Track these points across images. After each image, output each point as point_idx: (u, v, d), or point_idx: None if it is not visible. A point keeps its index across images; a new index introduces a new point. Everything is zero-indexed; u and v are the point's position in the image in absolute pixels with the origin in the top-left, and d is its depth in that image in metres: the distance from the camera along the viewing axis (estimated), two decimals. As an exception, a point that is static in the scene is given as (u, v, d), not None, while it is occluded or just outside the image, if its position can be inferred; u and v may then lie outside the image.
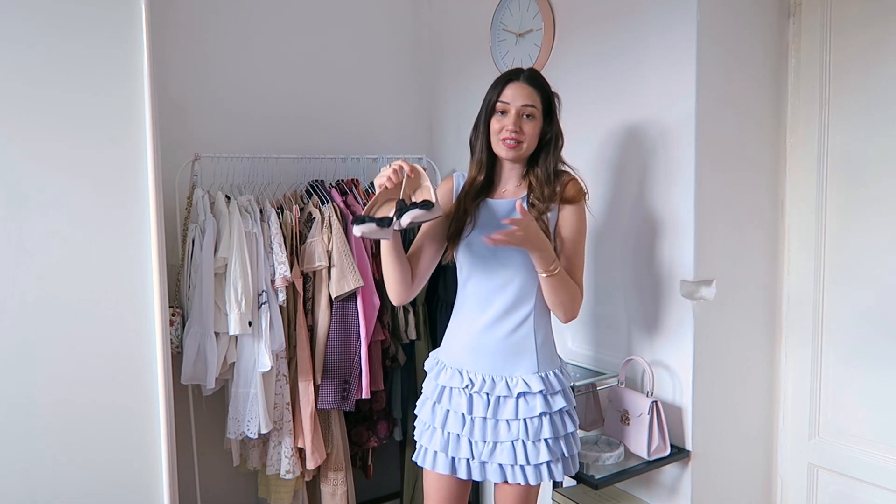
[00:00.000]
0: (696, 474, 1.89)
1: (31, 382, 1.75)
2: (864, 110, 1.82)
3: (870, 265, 1.83)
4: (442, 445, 1.65)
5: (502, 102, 1.62)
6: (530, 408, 1.59)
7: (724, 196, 1.89)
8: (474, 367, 1.64)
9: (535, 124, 1.62)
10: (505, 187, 1.70)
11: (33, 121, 1.72)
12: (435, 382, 1.70)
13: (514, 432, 1.59)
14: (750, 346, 2.01)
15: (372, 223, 1.49)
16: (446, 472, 1.65)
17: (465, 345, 1.67)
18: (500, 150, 1.64)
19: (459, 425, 1.63)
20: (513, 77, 1.64)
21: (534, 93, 1.62)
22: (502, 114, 1.62)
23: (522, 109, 1.60)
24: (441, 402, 1.67)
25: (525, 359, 1.63)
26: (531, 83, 1.63)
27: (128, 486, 1.87)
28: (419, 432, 1.73)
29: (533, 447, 1.59)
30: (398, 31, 2.91)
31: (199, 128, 2.46)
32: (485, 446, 1.61)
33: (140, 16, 1.80)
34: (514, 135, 1.60)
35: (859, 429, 1.88)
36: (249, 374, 2.16)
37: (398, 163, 1.52)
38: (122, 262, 1.83)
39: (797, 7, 1.95)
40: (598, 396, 2.03)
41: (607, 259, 2.09)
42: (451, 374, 1.67)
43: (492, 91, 1.65)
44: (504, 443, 1.59)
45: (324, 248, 2.25)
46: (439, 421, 1.66)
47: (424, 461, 1.70)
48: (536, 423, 1.59)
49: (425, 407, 1.72)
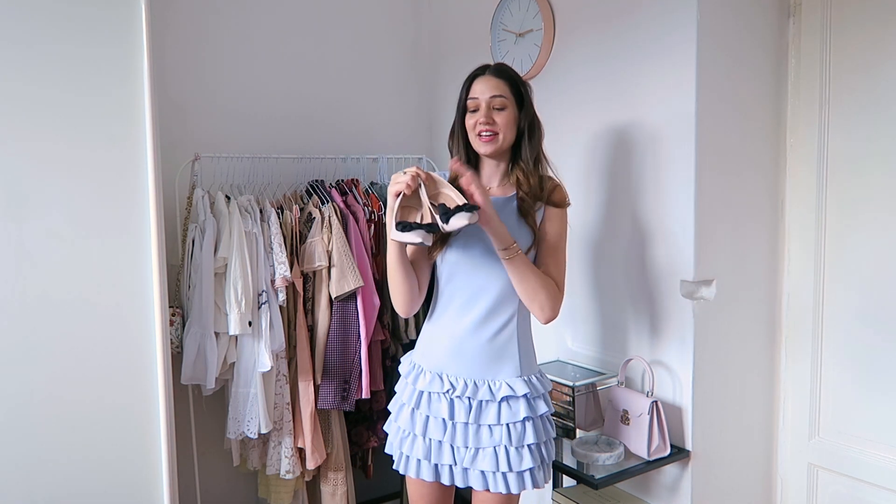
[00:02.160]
0: (696, 474, 1.89)
1: (31, 382, 1.75)
2: (864, 110, 1.82)
3: (870, 265, 1.83)
4: (424, 453, 1.61)
5: (472, 99, 1.63)
6: (513, 412, 1.56)
7: (724, 196, 1.89)
8: (455, 371, 1.60)
9: (508, 114, 1.62)
10: (489, 186, 1.69)
11: (33, 121, 1.72)
12: (413, 387, 1.65)
13: (496, 438, 1.56)
14: (750, 346, 2.01)
15: (421, 230, 1.44)
16: (431, 478, 1.62)
17: (445, 349, 1.63)
18: (479, 146, 1.64)
19: (441, 431, 1.59)
20: (479, 73, 1.65)
21: (501, 83, 1.62)
22: (474, 111, 1.63)
23: (492, 101, 1.61)
24: (420, 407, 1.62)
25: (508, 363, 1.60)
26: (498, 75, 1.64)
27: (128, 486, 1.87)
28: (397, 440, 1.68)
29: (516, 453, 1.55)
30: (398, 31, 2.91)
31: (199, 128, 2.46)
32: (466, 452, 1.58)
33: (140, 16, 1.80)
34: (487, 127, 1.60)
35: (859, 429, 1.88)
36: (249, 374, 2.16)
37: (414, 169, 1.49)
38: (122, 262, 1.83)
39: (797, 7, 1.95)
40: (598, 396, 2.03)
41: (607, 259, 2.09)
42: (431, 378, 1.62)
43: (461, 92, 1.66)
44: (486, 448, 1.56)
45: (324, 248, 2.25)
46: (420, 428, 1.62)
47: (408, 469, 1.65)
48: (520, 429, 1.56)
49: (403, 413, 1.67)
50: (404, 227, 1.44)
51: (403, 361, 1.74)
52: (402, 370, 1.73)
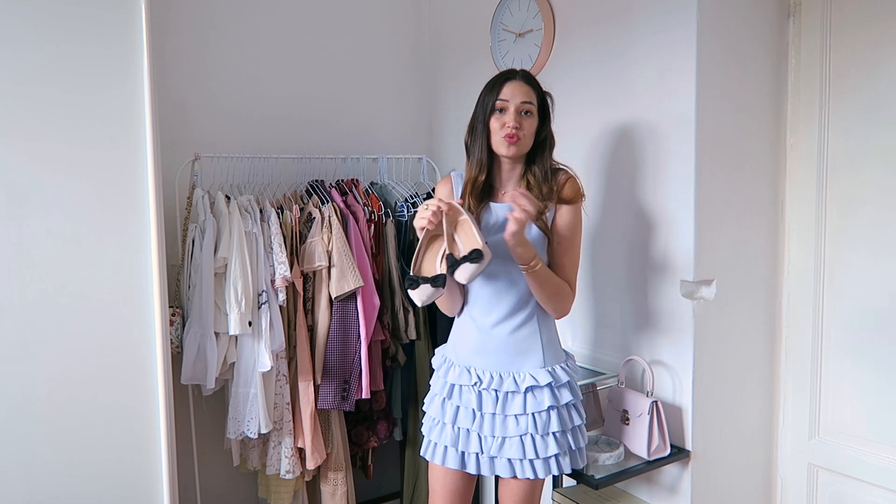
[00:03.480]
0: (696, 474, 1.89)
1: (31, 382, 1.75)
2: (864, 110, 1.82)
3: (870, 265, 1.83)
4: (452, 440, 1.68)
5: (501, 100, 1.64)
6: (538, 402, 1.63)
7: (724, 196, 1.89)
8: (482, 364, 1.68)
9: (533, 121, 1.66)
10: (505, 189, 1.72)
11: (33, 121, 1.72)
12: (444, 380, 1.73)
13: (522, 427, 1.62)
14: (750, 346, 2.01)
15: (427, 285, 1.52)
16: (456, 466, 1.68)
17: (472, 344, 1.70)
18: (501, 147, 1.65)
19: (470, 420, 1.66)
20: (510, 76, 1.67)
21: (531, 91, 1.66)
22: (501, 112, 1.64)
23: (521, 106, 1.64)
24: (451, 398, 1.70)
25: (532, 356, 1.66)
26: (528, 82, 1.67)
27: (128, 486, 1.87)
28: (427, 427, 1.76)
29: (542, 441, 1.62)
30: (398, 31, 2.91)
31: (199, 128, 2.46)
32: (493, 441, 1.64)
33: (140, 16, 1.80)
34: (514, 130, 1.62)
35: (859, 429, 1.88)
36: (249, 374, 2.16)
37: (435, 203, 1.53)
38: (122, 262, 1.83)
39: (797, 7, 1.95)
40: (598, 396, 2.03)
41: (607, 259, 2.09)
42: (460, 371, 1.70)
43: (489, 91, 1.67)
44: (513, 437, 1.62)
45: (324, 248, 2.25)
46: (449, 416, 1.69)
47: (434, 456, 1.72)
48: (545, 417, 1.62)
49: (434, 403, 1.75)
50: (411, 285, 1.53)
51: (437, 354, 1.82)
52: (435, 363, 1.81)
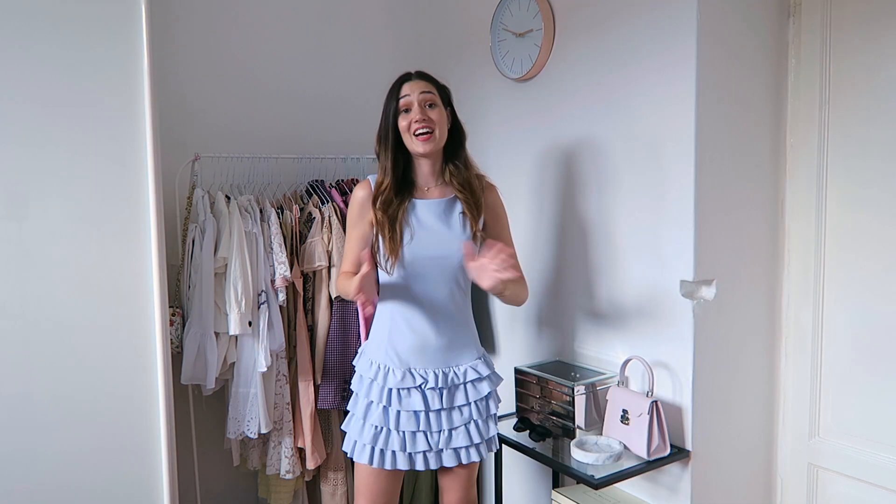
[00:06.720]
0: (696, 474, 1.89)
1: (31, 382, 1.75)
2: (864, 110, 1.82)
3: (870, 265, 1.83)
4: (400, 445, 1.71)
5: (404, 97, 1.69)
6: (479, 391, 1.75)
7: (723, 196, 1.89)
8: (423, 364, 1.72)
9: (440, 112, 1.71)
10: (427, 186, 1.76)
11: (34, 121, 1.72)
12: (382, 384, 1.72)
13: (465, 416, 1.73)
14: (750, 346, 2.01)
15: None
16: (405, 467, 1.72)
17: (410, 346, 1.73)
18: (416, 145, 1.68)
19: (415, 423, 1.71)
20: (405, 78, 1.74)
21: (429, 84, 1.72)
22: (406, 111, 1.69)
23: (423, 98, 1.68)
24: (392, 404, 1.71)
25: (468, 349, 1.78)
26: (423, 78, 1.74)
27: (128, 486, 1.88)
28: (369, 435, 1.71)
29: (484, 424, 1.76)
30: (398, 31, 2.91)
31: (199, 128, 2.46)
32: (440, 435, 1.71)
33: (140, 16, 1.81)
34: (423, 124, 1.66)
35: (859, 429, 1.88)
36: (249, 374, 2.16)
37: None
38: (123, 262, 1.83)
39: (797, 7, 1.95)
40: (598, 396, 2.03)
41: (607, 258, 2.09)
42: (402, 375, 1.71)
43: (389, 97, 1.73)
44: (458, 427, 1.72)
45: (324, 247, 2.25)
46: (393, 423, 1.71)
47: (384, 462, 1.72)
48: (485, 402, 1.77)
49: (374, 411, 1.72)
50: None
51: (362, 360, 1.80)
52: (363, 369, 1.78)
